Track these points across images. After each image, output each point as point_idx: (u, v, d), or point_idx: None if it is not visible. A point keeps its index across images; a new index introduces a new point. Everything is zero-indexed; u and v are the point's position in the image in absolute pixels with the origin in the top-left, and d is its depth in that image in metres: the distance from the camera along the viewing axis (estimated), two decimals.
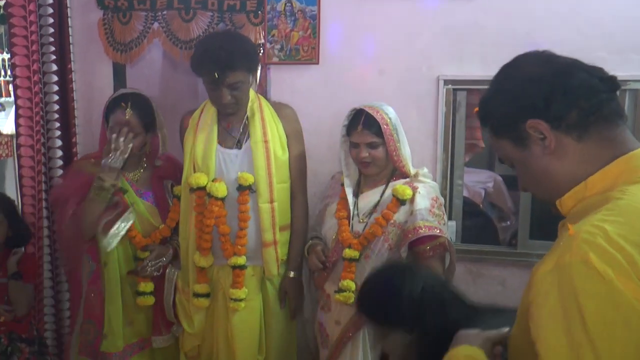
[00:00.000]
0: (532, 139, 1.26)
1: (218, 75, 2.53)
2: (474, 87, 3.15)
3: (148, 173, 2.85)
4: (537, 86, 1.23)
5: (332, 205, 2.74)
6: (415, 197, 2.54)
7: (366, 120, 2.54)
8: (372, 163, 2.58)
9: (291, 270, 2.86)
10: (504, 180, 5.16)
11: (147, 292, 2.79)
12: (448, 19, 2.98)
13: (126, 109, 2.67)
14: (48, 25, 3.20)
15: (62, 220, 2.76)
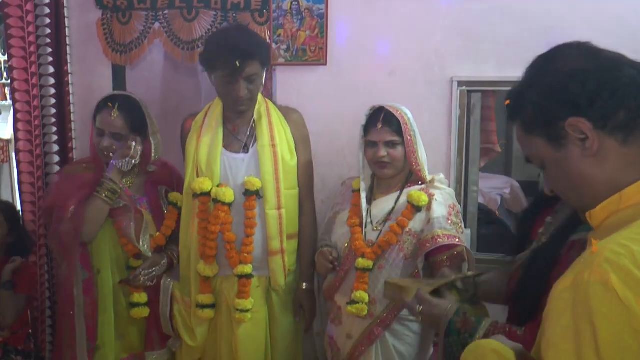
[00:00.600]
0: (571, 139, 1.20)
1: (239, 63, 2.53)
2: (489, 89, 3.15)
3: (141, 179, 2.85)
4: (580, 82, 1.17)
5: (343, 213, 2.72)
6: (432, 204, 2.51)
7: (386, 117, 2.53)
8: (390, 164, 2.56)
9: (303, 281, 2.85)
10: (521, 186, 5.14)
11: (141, 303, 2.78)
12: (462, 17, 2.97)
13: (112, 109, 2.67)
14: (45, 25, 3.22)
15: (59, 222, 2.73)
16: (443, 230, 2.46)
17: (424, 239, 2.47)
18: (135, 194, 2.79)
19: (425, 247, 2.46)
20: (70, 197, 2.68)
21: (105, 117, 2.68)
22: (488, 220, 4.15)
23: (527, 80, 1.28)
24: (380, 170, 2.59)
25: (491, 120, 3.78)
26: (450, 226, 2.48)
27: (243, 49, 2.56)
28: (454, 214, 2.53)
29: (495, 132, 3.90)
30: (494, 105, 3.75)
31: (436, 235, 2.45)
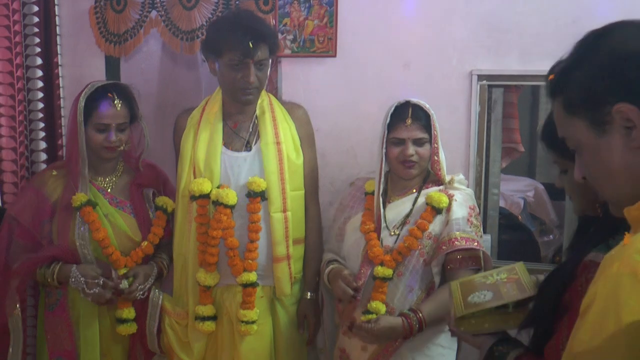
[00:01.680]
0: (615, 126, 1.15)
1: (252, 45, 2.53)
2: (512, 83, 3.13)
3: (125, 179, 2.82)
4: (637, 65, 1.12)
5: (354, 218, 2.71)
6: (451, 205, 2.52)
7: (415, 112, 2.52)
8: (417, 164, 2.56)
9: (308, 290, 2.84)
10: (546, 188, 5.09)
11: (129, 319, 2.73)
12: (483, 6, 2.95)
13: (114, 100, 2.64)
14: (32, 14, 3.20)
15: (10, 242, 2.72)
16: (462, 232, 2.46)
17: (441, 241, 2.48)
18: (117, 196, 2.76)
19: (441, 250, 2.47)
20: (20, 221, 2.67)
21: (109, 109, 2.64)
22: (510, 225, 4.12)
23: (576, 55, 1.23)
24: (406, 170, 2.57)
25: (514, 118, 3.75)
26: (470, 228, 2.49)
27: (256, 29, 2.57)
28: (474, 215, 2.54)
29: (519, 130, 3.87)
30: (516, 101, 3.72)
31: (453, 238, 2.45)
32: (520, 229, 4.46)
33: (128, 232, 2.73)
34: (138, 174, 2.82)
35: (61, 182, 2.70)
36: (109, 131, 2.65)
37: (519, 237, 4.29)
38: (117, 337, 2.77)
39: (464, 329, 1.96)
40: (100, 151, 2.68)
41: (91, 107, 2.63)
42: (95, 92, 2.65)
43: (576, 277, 1.56)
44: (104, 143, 2.65)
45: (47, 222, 2.67)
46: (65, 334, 2.68)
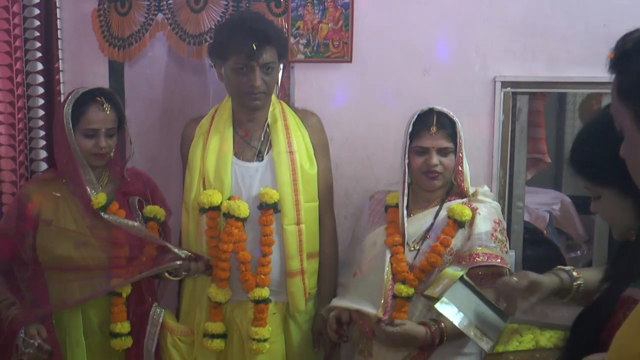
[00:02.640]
0: None
1: (256, 47, 2.55)
2: (538, 90, 3.13)
3: (111, 187, 2.81)
4: None
5: (373, 233, 2.68)
6: (475, 219, 2.50)
7: (439, 120, 2.51)
8: (441, 174, 2.54)
9: (324, 307, 2.83)
10: (573, 201, 5.08)
11: (123, 334, 2.73)
12: (507, 9, 2.95)
13: (103, 104, 2.66)
14: (33, 17, 3.21)
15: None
16: (484, 248, 2.44)
17: (461, 256, 2.46)
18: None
19: (460, 265, 2.43)
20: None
21: (98, 113, 2.64)
22: (535, 240, 4.12)
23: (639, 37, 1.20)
24: (430, 181, 2.55)
25: (540, 127, 3.74)
26: (494, 244, 2.46)
27: (260, 31, 2.60)
28: (499, 230, 2.52)
29: (545, 140, 3.87)
30: (543, 109, 3.72)
31: (474, 253, 2.44)
32: (545, 244, 4.45)
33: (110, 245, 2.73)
34: (123, 182, 2.81)
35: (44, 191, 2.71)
36: (98, 137, 2.65)
37: (544, 252, 4.28)
38: (111, 353, 2.76)
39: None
40: (89, 158, 2.67)
41: (78, 112, 2.64)
42: (81, 97, 2.66)
43: (614, 313, 1.54)
44: (93, 149, 2.65)
45: (29, 235, 2.67)
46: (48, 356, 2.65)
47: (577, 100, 5.03)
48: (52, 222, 2.67)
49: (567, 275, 2.07)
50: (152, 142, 3.60)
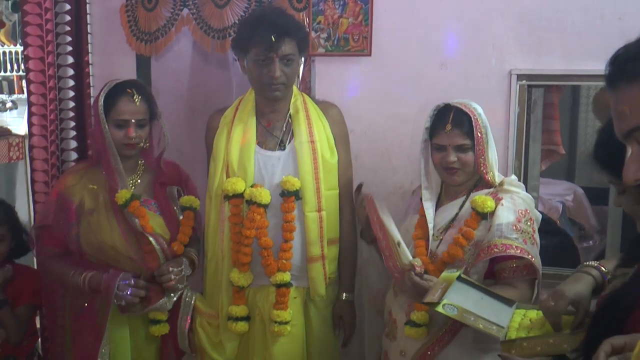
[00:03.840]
0: None
1: (275, 38, 2.56)
2: (553, 83, 3.12)
3: (147, 178, 2.84)
4: None
5: (408, 220, 2.67)
6: (497, 209, 2.42)
7: (456, 117, 2.47)
8: (461, 170, 2.50)
9: (344, 291, 2.86)
10: (586, 192, 5.05)
11: (162, 320, 2.77)
12: (523, 3, 2.94)
13: (133, 95, 2.67)
14: (64, 12, 3.24)
15: (40, 257, 2.81)
16: (502, 239, 2.35)
17: (481, 248, 2.39)
18: (142, 195, 2.76)
19: (479, 257, 2.39)
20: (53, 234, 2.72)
21: (129, 104, 2.65)
22: (548, 230, 4.07)
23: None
24: (450, 176, 2.52)
25: (554, 119, 3.73)
26: (516, 234, 2.35)
27: (279, 24, 2.60)
28: (524, 220, 2.41)
29: (559, 132, 3.85)
30: (557, 101, 3.70)
31: (492, 244, 2.35)
32: (558, 234, 4.42)
33: (157, 229, 2.74)
34: (159, 172, 2.83)
35: (82, 183, 2.73)
36: (128, 127, 2.66)
37: (557, 242, 4.26)
38: (149, 338, 2.80)
39: (515, 352, 1.91)
40: (121, 148, 2.69)
41: (110, 104, 2.65)
42: (113, 89, 2.67)
43: (638, 306, 1.52)
44: (123, 140, 2.66)
45: (74, 226, 2.69)
46: (92, 338, 2.69)
47: (591, 93, 4.98)
48: (94, 211, 2.69)
49: (598, 272, 2.01)
50: (178, 133, 3.61)
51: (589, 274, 2.00)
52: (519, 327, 2.04)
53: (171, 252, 2.74)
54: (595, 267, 2.02)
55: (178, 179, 2.90)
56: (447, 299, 2.09)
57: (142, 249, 2.70)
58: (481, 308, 2.12)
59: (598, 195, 4.61)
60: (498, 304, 2.19)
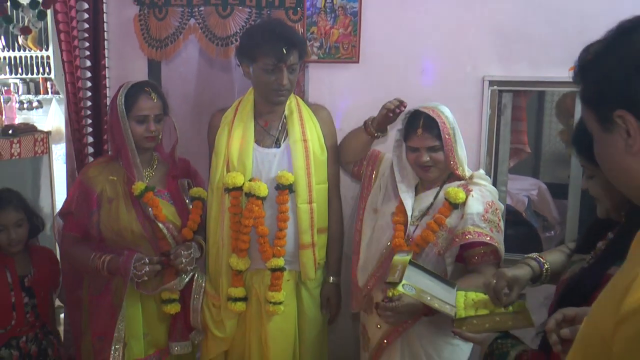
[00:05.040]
0: (617, 129, 1.08)
1: (286, 50, 2.54)
2: (521, 89, 3.11)
3: (161, 171, 2.82)
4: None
5: (389, 205, 2.65)
6: (467, 200, 2.45)
7: (426, 122, 2.46)
8: (434, 167, 2.51)
9: (331, 275, 2.86)
10: (549, 188, 5.04)
11: (174, 300, 2.76)
12: (495, 17, 2.92)
13: (150, 93, 2.65)
14: (83, 20, 3.20)
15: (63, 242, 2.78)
16: (475, 227, 2.39)
17: (455, 234, 2.42)
18: (156, 186, 2.75)
19: (454, 242, 2.42)
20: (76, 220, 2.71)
21: (147, 102, 2.64)
22: (515, 221, 4.09)
23: (598, 49, 1.13)
24: (424, 173, 2.54)
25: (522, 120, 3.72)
26: (485, 224, 2.40)
27: (288, 37, 2.59)
28: (491, 211, 2.45)
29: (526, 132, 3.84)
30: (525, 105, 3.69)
31: (467, 231, 2.39)
32: (524, 225, 4.42)
33: (169, 217, 2.73)
34: (173, 166, 2.82)
35: (104, 175, 2.71)
36: (148, 122, 2.65)
37: (523, 232, 4.26)
38: (160, 316, 2.78)
39: (466, 328, 1.96)
40: (142, 141, 2.67)
41: (131, 102, 2.63)
42: (131, 88, 2.66)
43: (598, 288, 1.47)
44: (144, 133, 2.65)
45: (95, 213, 2.67)
46: (108, 316, 2.68)
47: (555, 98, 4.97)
48: (113, 200, 2.67)
49: (536, 263, 2.05)
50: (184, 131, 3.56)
51: (528, 264, 2.05)
52: (465, 307, 2.04)
53: (181, 238, 2.74)
54: (535, 259, 2.07)
55: (188, 172, 2.90)
56: (405, 280, 2.09)
57: (156, 235, 2.70)
58: (433, 289, 2.13)
59: (559, 191, 4.59)
60: (444, 286, 2.21)
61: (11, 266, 2.87)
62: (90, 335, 2.76)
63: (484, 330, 1.90)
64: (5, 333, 2.84)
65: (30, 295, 2.90)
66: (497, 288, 1.95)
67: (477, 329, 1.93)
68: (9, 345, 2.85)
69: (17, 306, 2.85)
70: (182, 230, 2.75)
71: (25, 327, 2.89)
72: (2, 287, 2.83)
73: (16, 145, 3.79)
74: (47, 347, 2.96)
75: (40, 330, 2.94)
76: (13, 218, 2.86)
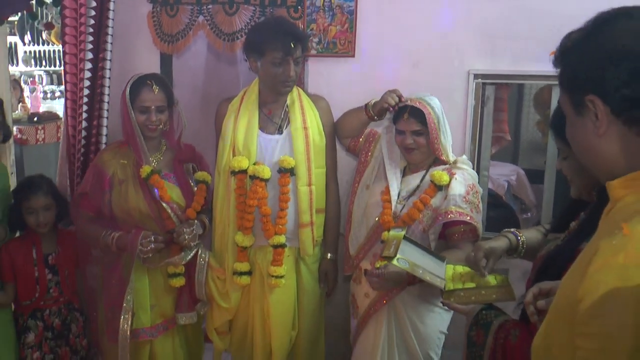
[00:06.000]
0: (588, 112, 1.08)
1: (294, 44, 2.53)
2: (503, 82, 3.10)
3: (168, 156, 2.79)
4: (615, 66, 1.03)
5: (379, 184, 2.65)
6: (451, 182, 2.47)
7: (413, 109, 2.48)
8: (417, 150, 2.52)
9: (328, 252, 2.85)
10: (526, 174, 5.03)
11: (180, 274, 2.73)
12: (481, 15, 2.90)
13: (152, 86, 2.62)
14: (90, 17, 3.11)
15: (78, 220, 2.76)
16: (457, 207, 2.41)
17: (438, 213, 2.44)
18: (163, 169, 2.72)
19: (437, 220, 2.44)
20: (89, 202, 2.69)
21: (149, 94, 2.61)
22: (496, 204, 4.06)
23: (577, 37, 1.12)
24: (408, 154, 2.55)
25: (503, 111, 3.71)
26: (466, 205, 2.43)
27: (294, 32, 2.58)
28: (472, 193, 2.48)
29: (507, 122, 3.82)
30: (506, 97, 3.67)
31: (449, 211, 2.41)
32: (504, 207, 4.40)
33: (175, 198, 2.70)
34: (179, 151, 2.80)
35: (116, 159, 2.69)
36: (150, 112, 2.62)
37: (503, 214, 4.23)
38: (167, 289, 2.76)
39: (454, 300, 1.96)
40: (144, 129, 2.65)
41: (135, 93, 2.62)
42: (136, 81, 2.64)
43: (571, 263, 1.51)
44: (145, 122, 2.62)
45: (107, 193, 2.65)
46: (118, 288, 2.67)
47: (533, 91, 4.96)
48: (123, 182, 2.65)
49: (513, 236, 2.06)
50: (194, 119, 3.55)
51: (506, 236, 2.06)
52: (452, 279, 2.04)
53: (185, 217, 2.71)
54: (512, 232, 2.08)
55: (193, 157, 2.86)
56: (400, 254, 2.07)
57: (161, 215, 2.67)
58: (425, 263, 2.12)
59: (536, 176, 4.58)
60: (435, 260, 2.20)
61: (38, 244, 2.86)
62: (103, 305, 2.75)
63: (470, 302, 1.90)
64: (30, 304, 2.84)
65: (54, 272, 2.88)
66: (475, 259, 1.97)
67: (463, 301, 1.93)
68: (34, 316, 2.85)
69: (41, 280, 2.83)
70: (186, 210, 2.72)
71: (49, 301, 2.87)
72: (28, 262, 2.82)
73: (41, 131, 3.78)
74: (72, 323, 2.94)
75: (64, 306, 2.92)
76: (42, 202, 2.83)
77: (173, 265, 2.70)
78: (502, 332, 1.67)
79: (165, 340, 2.80)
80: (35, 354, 2.84)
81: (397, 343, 2.54)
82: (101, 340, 2.82)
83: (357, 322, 2.65)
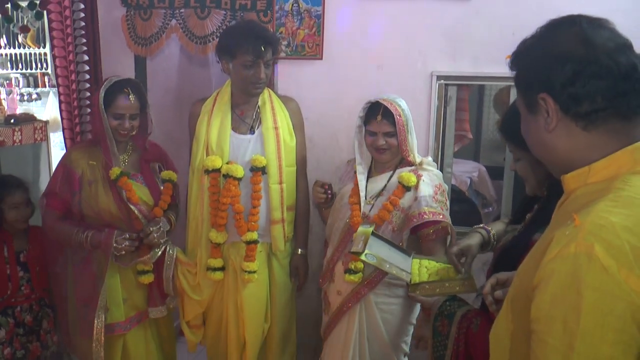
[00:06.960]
0: (540, 110, 1.13)
1: (264, 47, 2.51)
2: (464, 83, 3.12)
3: (136, 156, 2.73)
4: (561, 65, 1.07)
5: (345, 189, 2.62)
6: (419, 184, 2.44)
7: (385, 111, 2.43)
8: (388, 150, 2.48)
9: (299, 247, 2.83)
10: (488, 170, 5.10)
11: (148, 271, 2.69)
12: (443, 20, 2.92)
13: (129, 94, 2.55)
14: (80, 19, 3.10)
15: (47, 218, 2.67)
16: (429, 207, 2.38)
17: (411, 214, 2.40)
18: (130, 170, 2.67)
19: (412, 222, 2.40)
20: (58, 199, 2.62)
21: (125, 101, 2.54)
22: (459, 199, 4.12)
23: (529, 42, 1.17)
24: (379, 155, 2.51)
25: (465, 111, 3.74)
26: (436, 204, 2.40)
27: (266, 35, 2.56)
28: (439, 192, 2.45)
29: (468, 121, 3.85)
30: (467, 97, 3.70)
31: (422, 212, 2.38)
32: (466, 202, 4.46)
33: (143, 198, 2.66)
34: (145, 152, 2.74)
35: (85, 159, 2.62)
36: (123, 120, 2.55)
37: (465, 208, 4.29)
38: (138, 285, 2.72)
39: (419, 293, 1.97)
40: (115, 134, 2.58)
41: (111, 99, 2.53)
42: (113, 86, 2.55)
43: (525, 253, 1.53)
44: (118, 128, 2.55)
45: (77, 193, 2.59)
46: (91, 286, 2.62)
47: (493, 92, 5.02)
48: (93, 182, 2.58)
49: (485, 231, 2.09)
50: (167, 119, 3.53)
51: (479, 232, 2.09)
52: (419, 273, 2.05)
53: (152, 216, 2.66)
54: (483, 228, 2.12)
55: (159, 156, 2.80)
56: (368, 249, 2.08)
57: (130, 216, 2.62)
58: (392, 257, 2.12)
59: (496, 172, 4.64)
60: (402, 255, 2.19)
61: (9, 242, 2.80)
62: (75, 302, 2.68)
63: (435, 294, 1.91)
64: (2, 302, 2.78)
65: (25, 270, 2.83)
66: (452, 257, 1.99)
67: (428, 293, 1.94)
68: (5, 313, 2.79)
69: (12, 278, 2.78)
70: (153, 209, 2.68)
71: (21, 298, 2.82)
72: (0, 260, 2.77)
73: (17, 133, 3.71)
74: (43, 319, 2.89)
75: (36, 302, 2.87)
76: (23, 198, 2.82)
77: (143, 264, 2.66)
78: (464, 321, 1.69)
79: (137, 333, 2.76)
80: (6, 350, 2.78)
81: (367, 336, 2.52)
82: (73, 336, 2.75)
83: (329, 319, 2.62)
